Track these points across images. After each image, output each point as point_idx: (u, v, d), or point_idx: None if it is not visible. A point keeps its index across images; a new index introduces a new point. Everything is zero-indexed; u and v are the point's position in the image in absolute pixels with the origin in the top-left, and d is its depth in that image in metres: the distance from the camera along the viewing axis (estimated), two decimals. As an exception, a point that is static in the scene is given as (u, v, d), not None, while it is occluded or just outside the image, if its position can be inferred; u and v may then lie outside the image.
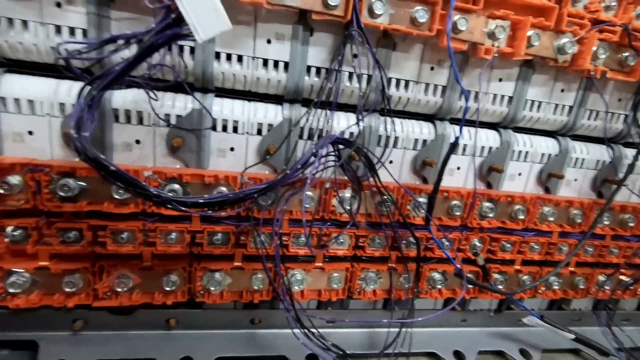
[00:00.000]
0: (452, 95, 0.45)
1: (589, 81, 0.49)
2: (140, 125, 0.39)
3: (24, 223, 0.36)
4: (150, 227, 0.39)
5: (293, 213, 0.42)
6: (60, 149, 0.38)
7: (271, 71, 0.40)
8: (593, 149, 0.53)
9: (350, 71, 0.42)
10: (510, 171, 0.50)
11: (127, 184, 0.29)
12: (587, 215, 0.51)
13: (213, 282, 0.42)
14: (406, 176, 0.47)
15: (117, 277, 0.40)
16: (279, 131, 0.41)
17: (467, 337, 0.52)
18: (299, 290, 0.45)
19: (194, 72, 0.39)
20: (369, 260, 0.47)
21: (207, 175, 0.39)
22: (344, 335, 0.45)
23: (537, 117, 0.49)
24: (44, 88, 0.36)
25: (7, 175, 0.35)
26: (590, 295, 0.57)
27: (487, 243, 0.50)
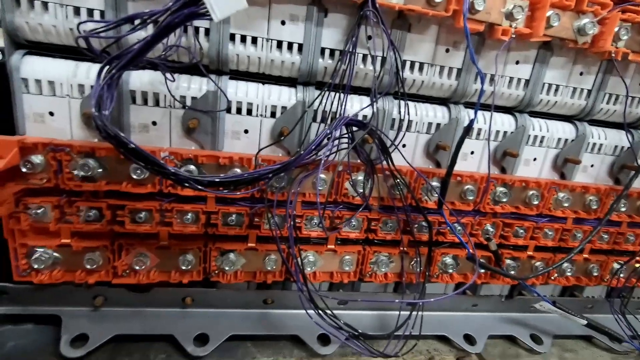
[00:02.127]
0: (467, 78, 0.45)
1: (609, 64, 0.47)
2: (156, 107, 0.39)
3: (46, 201, 0.38)
4: (167, 207, 0.40)
5: (306, 195, 0.43)
6: (79, 130, 0.38)
7: (285, 53, 0.41)
8: (611, 134, 0.52)
9: (364, 53, 0.42)
10: (525, 156, 0.50)
11: (146, 161, 0.30)
12: (603, 201, 0.51)
13: (227, 262, 0.43)
14: (419, 160, 0.47)
15: (135, 255, 0.41)
16: (293, 114, 0.42)
17: (478, 321, 0.53)
18: (311, 272, 0.46)
19: (208, 53, 0.39)
20: (380, 243, 0.48)
21: (222, 157, 0.39)
22: (355, 317, 0.46)
23: (554, 101, 0.48)
24: (64, 70, 0.37)
25: (30, 155, 0.36)
26: (604, 283, 0.56)
27: (500, 228, 0.49)
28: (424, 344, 0.49)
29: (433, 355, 0.48)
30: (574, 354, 0.52)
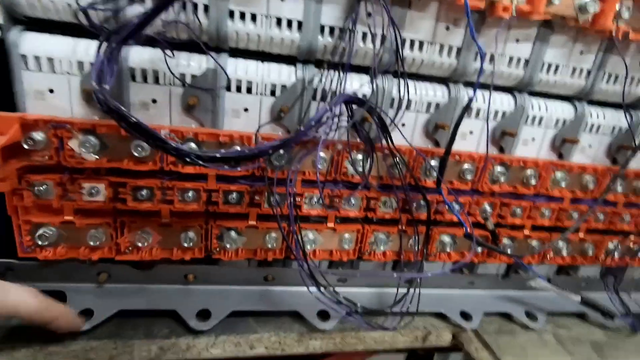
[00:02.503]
0: (467, 57, 0.45)
1: (609, 43, 0.47)
2: (156, 85, 0.39)
3: (48, 178, 0.38)
4: (168, 185, 0.41)
5: (306, 174, 0.43)
6: (80, 107, 0.39)
7: (285, 30, 0.40)
8: (610, 114, 0.52)
9: (364, 31, 0.41)
10: (523, 136, 0.50)
11: (147, 136, 0.30)
12: (600, 181, 0.51)
13: (229, 239, 0.44)
14: (418, 140, 0.47)
15: (137, 232, 0.41)
16: (293, 92, 0.42)
17: (474, 299, 0.54)
18: (311, 250, 0.47)
19: (208, 30, 0.39)
20: (379, 222, 0.48)
21: (222, 135, 0.40)
22: (354, 294, 0.47)
23: (553, 81, 0.48)
24: (63, 46, 0.37)
25: (32, 132, 0.36)
26: (598, 262, 0.57)
27: (497, 208, 0.50)
28: (421, 320, 0.50)
29: (430, 331, 0.49)
30: (568, 330, 0.53)
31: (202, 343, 0.43)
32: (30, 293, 0.35)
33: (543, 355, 0.48)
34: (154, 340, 0.41)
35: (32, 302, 0.35)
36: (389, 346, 0.49)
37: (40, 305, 0.35)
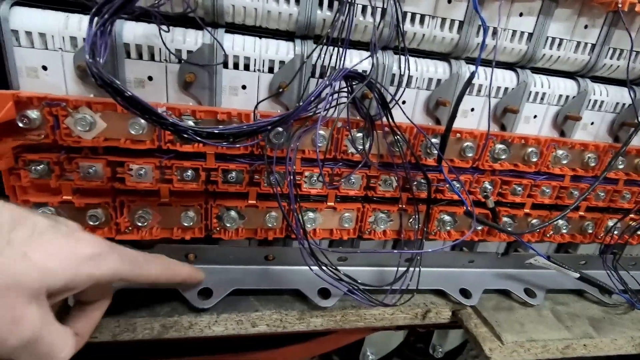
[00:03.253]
0: (469, 31, 0.44)
1: (615, 16, 0.46)
2: (152, 62, 0.39)
3: (45, 157, 0.38)
4: (167, 164, 0.40)
5: (305, 152, 0.43)
6: (74, 84, 0.38)
7: (282, 4, 0.39)
8: (613, 90, 0.51)
9: (364, 4, 0.40)
10: (525, 113, 0.49)
11: (144, 111, 0.29)
12: (601, 159, 0.51)
13: (229, 219, 0.44)
14: (419, 117, 0.47)
15: (137, 212, 0.41)
16: (291, 68, 0.41)
17: (474, 276, 0.54)
18: (311, 229, 0.47)
19: (203, 4, 0.38)
20: (379, 201, 0.48)
21: (220, 112, 0.39)
22: (354, 272, 0.47)
23: (557, 56, 0.48)
24: (54, 21, 0.36)
25: (26, 109, 0.35)
26: (598, 241, 0.57)
27: (498, 186, 0.50)
28: (421, 298, 0.51)
29: (430, 308, 0.50)
30: (566, 306, 0.54)
31: (205, 321, 0.43)
32: (164, 262, 0.38)
33: (541, 330, 0.49)
34: (156, 318, 0.42)
35: (166, 272, 0.38)
36: (389, 323, 0.50)
37: (174, 272, 0.39)
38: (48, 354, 0.27)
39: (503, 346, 0.46)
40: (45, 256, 0.26)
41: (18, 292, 0.24)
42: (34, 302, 0.25)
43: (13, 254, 0.25)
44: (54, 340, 0.27)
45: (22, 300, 0.25)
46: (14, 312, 0.24)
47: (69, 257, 0.27)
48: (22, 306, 0.25)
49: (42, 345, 0.26)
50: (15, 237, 0.25)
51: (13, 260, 0.24)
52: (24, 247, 0.25)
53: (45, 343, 0.26)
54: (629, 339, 0.51)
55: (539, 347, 0.47)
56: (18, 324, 0.24)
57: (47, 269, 0.26)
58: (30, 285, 0.25)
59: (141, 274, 0.35)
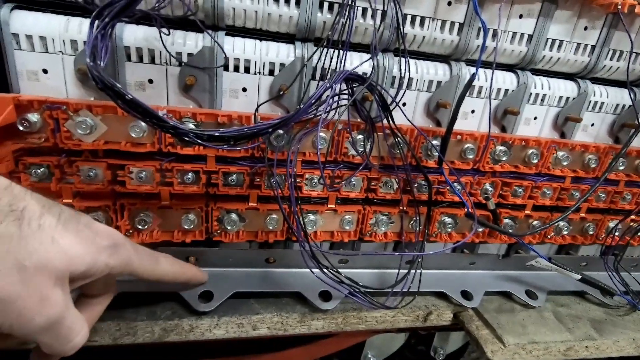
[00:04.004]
0: (469, 33, 0.44)
1: (614, 17, 0.46)
2: (152, 64, 0.39)
3: (46, 161, 0.38)
4: (167, 166, 0.40)
5: (306, 155, 0.43)
6: (75, 88, 0.38)
7: (282, 7, 0.39)
8: (613, 92, 0.51)
9: (364, 6, 0.40)
10: (525, 115, 0.49)
11: (144, 114, 0.29)
12: (602, 160, 0.51)
13: (229, 221, 0.43)
14: (419, 119, 0.47)
15: (137, 215, 0.41)
16: (291, 71, 0.41)
17: (475, 278, 0.54)
18: (312, 231, 0.46)
19: (203, 7, 0.38)
20: (380, 203, 0.48)
21: (221, 115, 0.39)
22: (355, 275, 0.47)
23: (557, 58, 0.48)
24: (55, 25, 0.36)
25: (27, 113, 0.35)
26: (599, 242, 0.57)
27: (498, 187, 0.50)
28: (422, 300, 0.51)
29: (431, 310, 0.50)
30: (567, 308, 0.54)
31: (205, 324, 0.43)
32: (170, 260, 0.38)
33: (542, 332, 0.48)
34: (156, 322, 0.42)
35: (173, 269, 0.38)
36: (390, 326, 0.49)
37: (180, 271, 0.39)
38: (66, 336, 0.28)
39: (505, 348, 0.46)
40: (71, 242, 0.27)
41: (46, 274, 0.25)
42: (58, 285, 0.26)
43: (44, 238, 0.26)
44: (72, 324, 0.28)
45: (49, 282, 0.26)
46: (42, 293, 0.25)
47: (90, 245, 0.29)
48: (49, 288, 0.26)
49: (62, 327, 0.27)
50: (44, 222, 0.26)
51: (44, 244, 0.25)
52: (52, 232, 0.26)
53: (65, 326, 0.27)
54: (630, 341, 0.51)
55: (541, 349, 0.47)
56: (45, 304, 0.25)
57: (72, 254, 0.27)
58: (57, 268, 0.26)
59: (151, 270, 0.35)
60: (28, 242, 0.25)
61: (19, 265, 0.24)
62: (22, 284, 0.24)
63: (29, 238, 0.25)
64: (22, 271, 0.24)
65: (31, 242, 0.25)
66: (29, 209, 0.26)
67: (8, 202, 0.25)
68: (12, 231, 0.24)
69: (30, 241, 0.25)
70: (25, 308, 0.25)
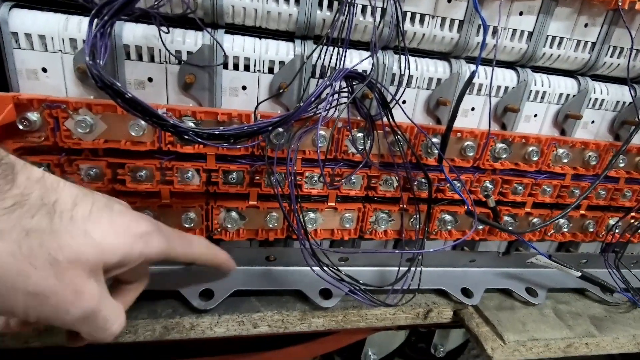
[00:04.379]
0: (469, 31, 0.44)
1: (615, 14, 0.46)
2: (152, 63, 0.39)
3: (46, 160, 0.38)
4: (167, 165, 0.40)
5: (306, 153, 0.43)
6: (74, 86, 0.38)
7: (282, 4, 0.39)
8: (613, 89, 0.51)
9: (363, 4, 0.40)
10: (526, 112, 0.49)
11: (144, 112, 0.29)
12: (602, 157, 0.51)
13: (230, 220, 0.44)
14: (419, 117, 0.47)
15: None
16: (291, 69, 0.41)
17: (475, 276, 0.54)
18: (312, 229, 0.47)
19: (203, 5, 0.38)
20: (380, 200, 0.48)
21: (221, 113, 0.39)
22: (355, 273, 0.47)
23: (557, 55, 0.47)
24: (54, 23, 0.36)
25: (26, 112, 0.35)
26: (599, 239, 0.57)
27: (498, 185, 0.50)
28: (422, 298, 0.51)
29: (431, 307, 0.50)
30: (568, 305, 0.54)
31: (206, 322, 0.43)
32: (204, 242, 0.39)
33: (542, 329, 0.49)
34: (157, 320, 0.42)
35: (207, 251, 0.39)
36: (391, 323, 0.50)
37: (212, 253, 0.40)
38: (103, 326, 0.28)
39: (505, 345, 0.46)
40: (104, 233, 0.27)
41: (79, 267, 0.26)
42: (92, 277, 0.26)
43: (76, 231, 0.26)
44: (108, 314, 0.28)
45: (83, 275, 0.26)
46: (76, 286, 0.25)
47: (124, 235, 0.29)
48: (82, 280, 0.26)
49: (99, 318, 0.28)
50: (76, 214, 0.26)
51: (76, 237, 0.26)
52: (84, 224, 0.26)
53: (101, 316, 0.28)
54: (630, 338, 0.51)
55: (541, 346, 0.47)
56: (79, 297, 0.26)
57: (105, 246, 0.27)
58: (90, 261, 0.26)
59: (185, 253, 0.36)
60: (60, 235, 0.25)
61: (52, 260, 0.24)
62: (56, 278, 0.24)
63: (61, 231, 0.25)
64: (56, 265, 0.24)
65: (63, 236, 0.25)
66: (60, 201, 0.25)
67: (40, 195, 0.25)
68: (44, 225, 0.24)
69: (62, 235, 0.25)
70: (61, 302, 0.25)
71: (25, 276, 0.23)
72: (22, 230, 0.23)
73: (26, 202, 0.24)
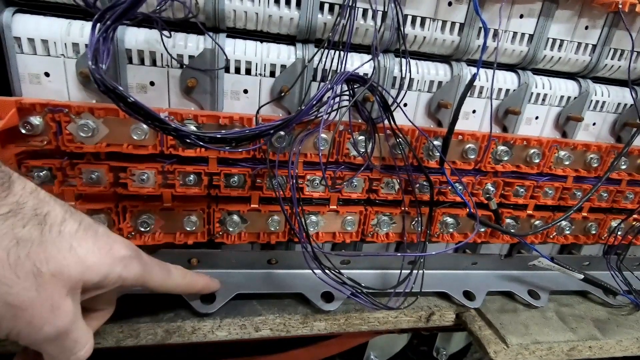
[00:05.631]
0: (469, 34, 0.44)
1: (615, 16, 0.46)
2: (153, 67, 0.39)
3: (48, 164, 0.38)
4: (169, 168, 0.40)
5: (308, 156, 0.43)
6: (77, 91, 0.38)
7: (283, 8, 0.39)
8: (614, 91, 0.51)
9: (364, 7, 0.40)
10: (527, 115, 0.49)
11: (146, 116, 0.29)
12: (604, 159, 0.51)
13: (231, 223, 0.44)
14: (420, 119, 0.47)
15: (139, 217, 0.41)
16: (292, 72, 0.41)
17: (477, 278, 0.54)
18: (314, 232, 0.46)
19: (204, 9, 0.38)
20: (382, 203, 0.48)
21: (222, 117, 0.39)
22: (357, 276, 0.47)
23: (557, 57, 0.48)
24: (57, 28, 0.36)
25: (29, 116, 0.35)
26: (601, 241, 0.57)
27: (500, 187, 0.50)
28: (425, 301, 0.51)
29: (434, 311, 0.49)
30: (570, 308, 0.54)
31: (208, 326, 0.43)
32: (181, 273, 0.38)
33: (545, 332, 0.48)
34: (159, 324, 0.42)
35: (183, 282, 0.39)
36: (393, 326, 0.49)
37: (191, 283, 0.40)
38: (71, 349, 0.27)
39: (508, 349, 0.46)
40: (88, 251, 0.27)
41: (61, 282, 0.25)
42: (70, 295, 0.26)
43: (63, 245, 0.25)
44: (78, 337, 0.28)
45: (62, 291, 0.25)
46: (53, 301, 0.25)
47: (106, 255, 0.28)
48: (60, 297, 0.25)
49: (69, 339, 0.27)
50: (64, 229, 0.26)
51: (62, 251, 0.25)
52: (71, 239, 0.26)
53: (72, 338, 0.27)
54: (634, 340, 0.50)
55: (544, 349, 0.47)
56: (55, 313, 0.25)
57: (88, 263, 0.27)
58: (72, 277, 0.26)
59: (162, 282, 0.35)
60: (47, 247, 0.25)
61: (36, 271, 0.24)
62: (37, 290, 0.24)
63: (48, 243, 0.25)
64: (39, 277, 0.24)
65: (50, 248, 0.25)
66: (51, 214, 0.25)
67: (33, 206, 0.24)
68: (35, 236, 0.24)
69: (49, 247, 0.25)
70: (36, 316, 0.24)
71: (7, 285, 0.23)
72: (14, 238, 0.23)
73: (20, 211, 0.23)
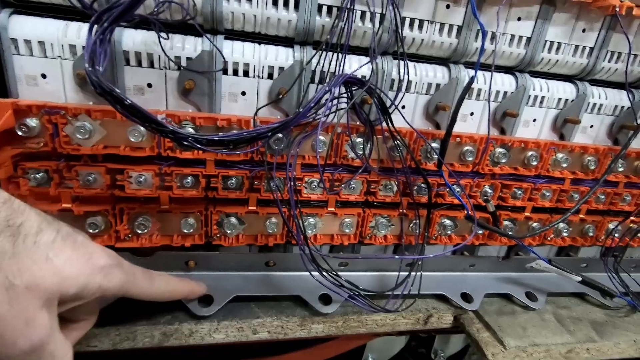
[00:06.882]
0: (467, 36, 0.44)
1: (612, 19, 0.46)
2: (151, 68, 0.39)
3: (44, 165, 0.37)
4: (166, 170, 0.40)
5: (305, 158, 0.43)
6: (73, 92, 0.38)
7: (281, 10, 0.39)
8: (612, 94, 0.51)
9: (362, 10, 0.40)
10: (525, 117, 0.49)
11: (143, 119, 0.29)
12: (601, 162, 0.51)
13: (229, 225, 0.43)
14: (418, 122, 0.47)
15: (136, 219, 0.41)
16: (290, 74, 0.41)
17: (475, 280, 0.54)
18: (312, 235, 0.46)
19: (202, 11, 0.38)
20: (380, 205, 0.48)
21: (220, 119, 0.39)
22: (355, 278, 0.47)
23: (555, 60, 0.48)
24: (53, 29, 0.36)
25: (25, 118, 0.35)
26: (599, 244, 0.57)
27: (498, 190, 0.50)
28: (422, 303, 0.50)
29: (431, 313, 0.49)
30: (568, 310, 0.54)
31: (205, 328, 0.43)
32: (165, 280, 0.38)
33: (543, 334, 0.48)
34: (156, 326, 0.41)
35: (167, 289, 0.38)
36: (391, 329, 0.49)
37: (176, 289, 0.40)
38: None
39: (505, 351, 0.46)
40: (65, 262, 0.26)
41: (35, 294, 0.24)
42: (45, 308, 0.25)
43: (38, 256, 0.25)
44: (55, 350, 0.27)
45: (37, 304, 0.25)
46: (28, 314, 0.24)
47: (85, 265, 0.28)
48: (35, 310, 0.25)
49: (45, 353, 0.26)
50: (40, 240, 0.25)
51: (37, 262, 0.25)
52: (47, 250, 0.25)
53: (48, 351, 0.26)
54: (631, 343, 0.50)
55: (542, 351, 0.47)
56: (29, 327, 0.24)
57: (65, 274, 0.26)
58: (48, 289, 0.25)
59: (145, 290, 0.35)
60: (21, 259, 0.24)
61: (9, 284, 0.23)
62: (9, 304, 0.23)
63: (22, 255, 0.24)
64: (11, 290, 0.23)
65: (24, 260, 0.24)
66: (26, 225, 0.25)
67: (5, 216, 0.24)
68: (7, 248, 0.23)
69: (22, 258, 0.24)
70: (9, 330, 0.23)
71: None
72: None
73: None
